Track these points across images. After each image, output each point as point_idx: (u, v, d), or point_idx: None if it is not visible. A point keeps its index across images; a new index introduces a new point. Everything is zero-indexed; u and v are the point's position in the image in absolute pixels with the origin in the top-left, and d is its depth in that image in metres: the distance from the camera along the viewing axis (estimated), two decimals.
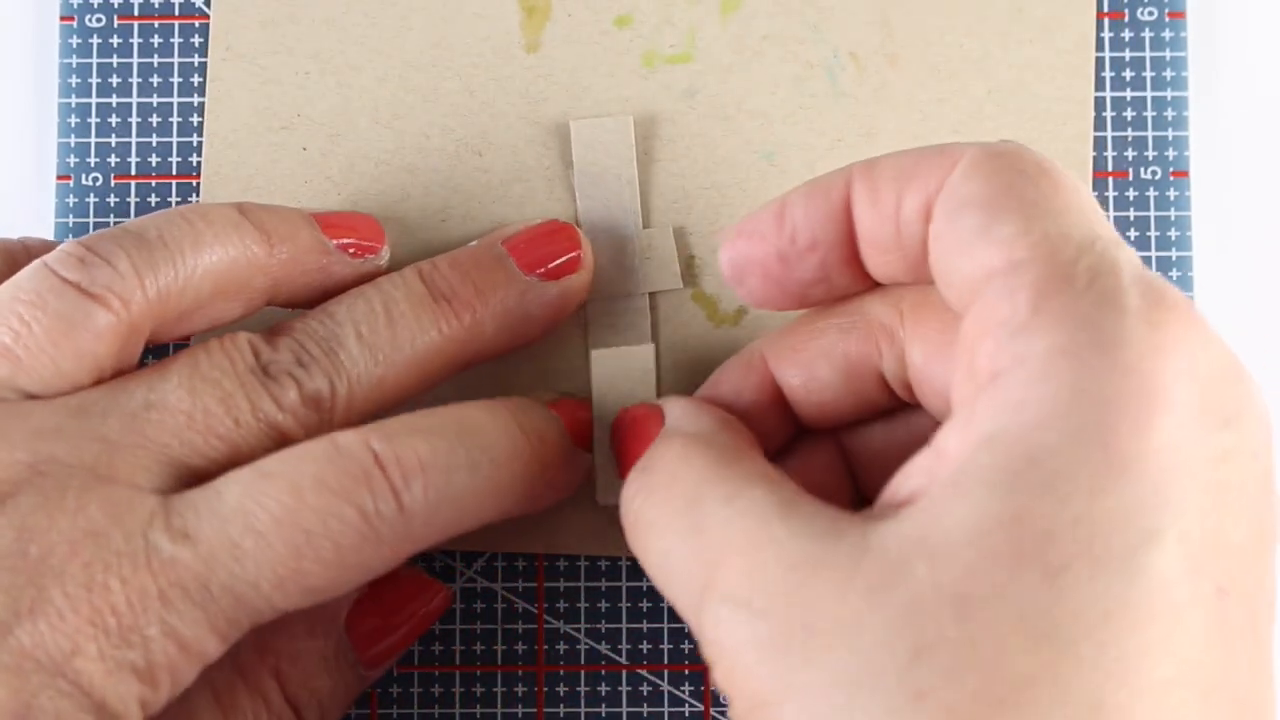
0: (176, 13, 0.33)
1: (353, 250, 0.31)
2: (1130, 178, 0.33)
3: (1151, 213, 0.33)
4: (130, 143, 0.33)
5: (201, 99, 0.33)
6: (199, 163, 0.33)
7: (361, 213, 0.32)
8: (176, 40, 0.33)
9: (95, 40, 0.34)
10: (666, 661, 0.32)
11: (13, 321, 0.27)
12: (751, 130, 0.33)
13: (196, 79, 0.33)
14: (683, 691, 0.32)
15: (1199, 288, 0.33)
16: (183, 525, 0.25)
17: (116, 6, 0.34)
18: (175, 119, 0.33)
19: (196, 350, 0.28)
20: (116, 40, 0.34)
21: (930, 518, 0.21)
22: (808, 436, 0.29)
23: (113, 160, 0.33)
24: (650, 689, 0.32)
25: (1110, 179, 0.33)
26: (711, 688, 0.32)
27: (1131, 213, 0.33)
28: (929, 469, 0.22)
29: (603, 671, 0.32)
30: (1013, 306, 0.22)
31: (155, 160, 0.33)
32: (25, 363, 0.27)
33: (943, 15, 0.33)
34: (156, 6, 0.34)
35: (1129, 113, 0.33)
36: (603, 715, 0.32)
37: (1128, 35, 0.34)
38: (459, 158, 0.33)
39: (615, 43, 0.33)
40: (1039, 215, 0.23)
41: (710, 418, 0.27)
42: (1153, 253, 0.33)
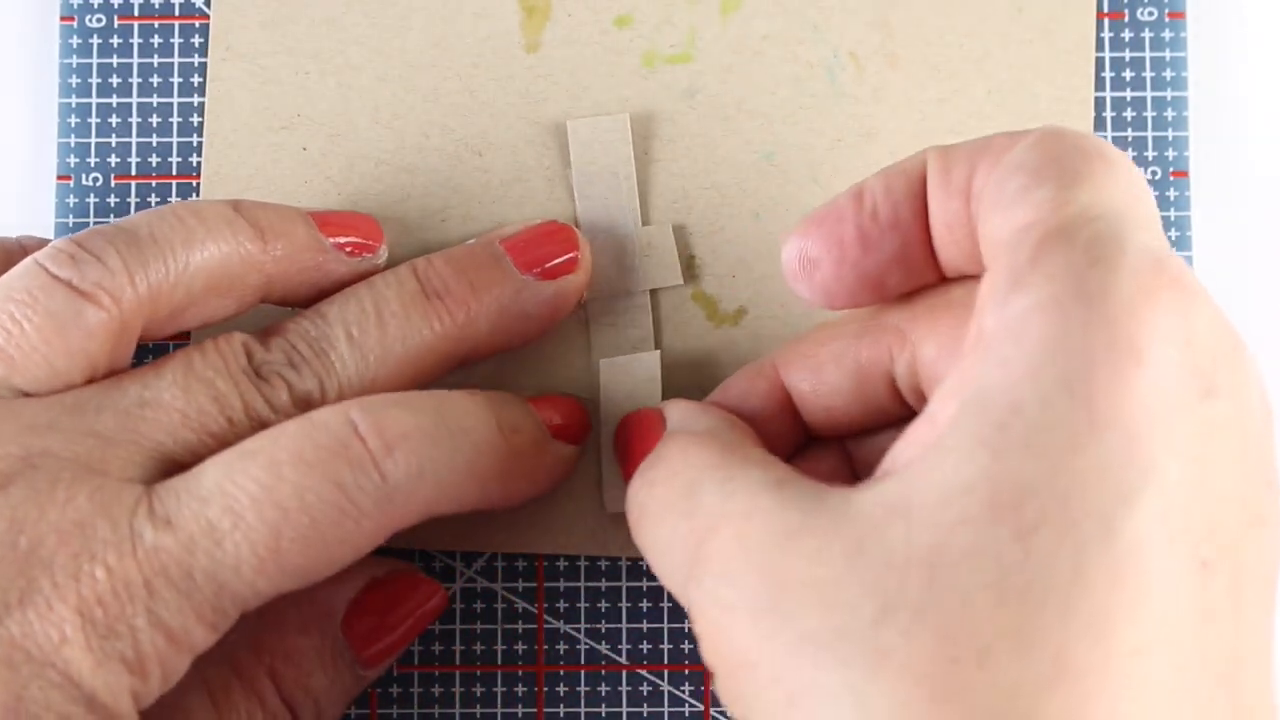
0: (176, 13, 0.34)
1: (350, 249, 0.31)
2: None
3: None
4: (130, 143, 0.33)
5: (201, 99, 0.33)
6: (199, 163, 0.33)
7: (361, 212, 0.32)
8: (176, 40, 0.33)
9: (95, 40, 0.34)
10: (666, 661, 0.32)
11: (4, 321, 0.27)
12: (751, 130, 0.33)
13: (196, 79, 0.33)
14: (683, 691, 0.32)
15: None
16: (164, 511, 0.25)
17: (116, 7, 0.34)
18: (175, 119, 0.33)
19: (191, 350, 0.28)
20: (116, 40, 0.34)
21: (911, 481, 0.21)
22: (815, 445, 0.29)
23: (113, 160, 0.33)
24: (650, 689, 0.32)
25: None
26: (711, 688, 0.32)
27: None
28: (921, 438, 0.22)
29: (603, 671, 0.32)
30: (1014, 263, 0.22)
31: (155, 160, 0.33)
32: (18, 362, 0.27)
33: (943, 15, 0.33)
34: (156, 6, 0.34)
35: (1129, 113, 0.33)
36: (603, 715, 0.32)
37: (1128, 35, 0.34)
38: (459, 158, 0.33)
39: (615, 43, 0.33)
40: (1079, 185, 0.22)
41: (711, 417, 0.28)
42: None
